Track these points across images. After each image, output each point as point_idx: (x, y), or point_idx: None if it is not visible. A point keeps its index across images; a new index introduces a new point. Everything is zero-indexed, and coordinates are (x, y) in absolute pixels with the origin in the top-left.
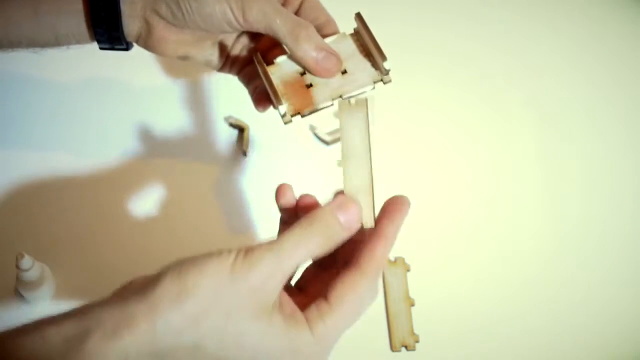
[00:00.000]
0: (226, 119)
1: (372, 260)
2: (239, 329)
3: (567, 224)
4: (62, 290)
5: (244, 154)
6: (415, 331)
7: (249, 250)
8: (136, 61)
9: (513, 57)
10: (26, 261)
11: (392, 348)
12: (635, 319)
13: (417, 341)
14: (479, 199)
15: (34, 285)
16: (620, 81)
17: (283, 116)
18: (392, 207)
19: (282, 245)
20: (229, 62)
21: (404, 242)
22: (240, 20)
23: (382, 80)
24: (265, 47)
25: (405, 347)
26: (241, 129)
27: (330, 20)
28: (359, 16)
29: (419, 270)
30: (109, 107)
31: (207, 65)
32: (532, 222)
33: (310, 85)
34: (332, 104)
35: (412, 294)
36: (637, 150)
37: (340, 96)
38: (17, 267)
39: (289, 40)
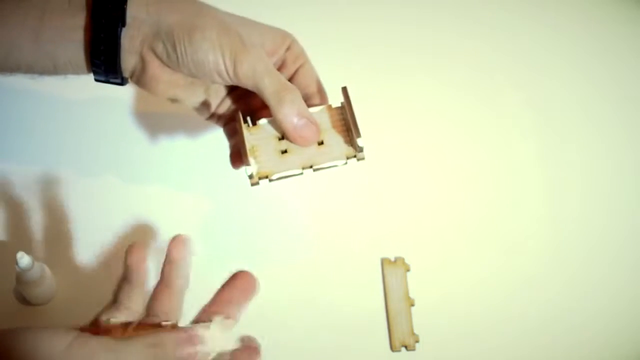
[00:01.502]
0: None
1: None
2: None
3: (568, 224)
4: (62, 290)
5: None
6: (415, 331)
7: (87, 340)
8: None
9: (513, 57)
10: (26, 261)
11: (392, 348)
12: (635, 318)
13: (417, 341)
14: (478, 199)
15: (34, 285)
16: (621, 81)
17: (250, 177)
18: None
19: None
20: (215, 115)
21: (404, 242)
22: (231, 73)
23: (355, 156)
24: (257, 106)
25: (405, 347)
26: None
27: (320, 91)
28: (344, 91)
29: (419, 270)
30: (108, 107)
31: (196, 111)
32: (532, 222)
33: (285, 151)
34: (301, 173)
35: (412, 294)
36: (637, 150)
37: (311, 166)
38: (17, 267)
39: (273, 102)
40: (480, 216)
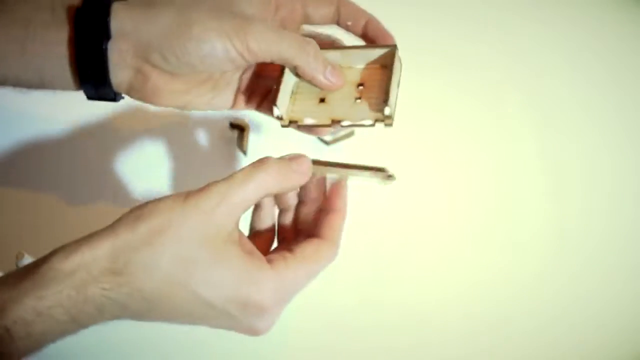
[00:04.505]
0: (227, 118)
1: (331, 230)
2: (190, 254)
3: (569, 224)
4: None
5: (244, 154)
6: (416, 331)
7: (203, 186)
8: None
9: (513, 57)
10: (26, 261)
11: None
12: (636, 318)
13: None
14: (479, 200)
15: None
16: (620, 81)
17: (279, 119)
18: (338, 190)
19: (232, 176)
20: (241, 100)
21: (403, 242)
22: (245, 54)
23: (383, 121)
24: (266, 73)
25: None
26: (241, 129)
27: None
28: (393, 51)
29: (419, 270)
30: (109, 106)
31: (212, 109)
32: (533, 222)
33: (323, 99)
34: (329, 125)
35: (412, 294)
36: (637, 150)
37: (339, 121)
38: (17, 267)
39: (300, 62)
40: (481, 217)
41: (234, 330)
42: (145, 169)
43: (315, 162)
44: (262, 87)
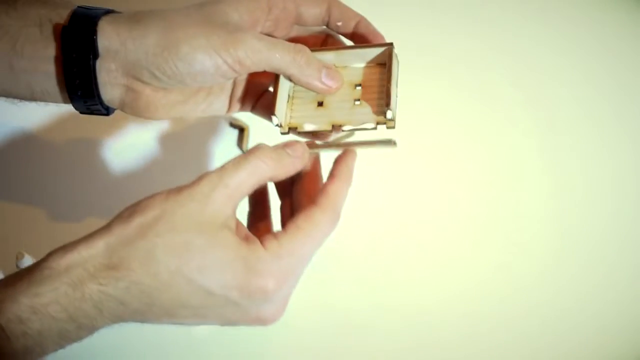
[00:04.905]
0: (226, 119)
1: (325, 195)
2: (184, 241)
3: (569, 225)
4: None
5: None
6: (415, 332)
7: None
8: None
9: (513, 57)
10: (26, 261)
11: None
12: (636, 318)
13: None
14: (478, 200)
15: None
16: (620, 81)
17: (279, 126)
18: (341, 156)
19: (225, 164)
20: (236, 104)
21: (403, 242)
22: (237, 67)
23: (385, 124)
24: (259, 76)
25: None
26: (241, 129)
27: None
28: (389, 49)
29: (419, 270)
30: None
31: (208, 115)
32: (533, 223)
33: (321, 103)
34: (330, 130)
35: (412, 294)
36: (637, 150)
37: (340, 126)
38: (17, 267)
39: (294, 71)
40: (481, 217)
41: (242, 321)
42: (145, 169)
43: (312, 146)
44: (255, 88)
